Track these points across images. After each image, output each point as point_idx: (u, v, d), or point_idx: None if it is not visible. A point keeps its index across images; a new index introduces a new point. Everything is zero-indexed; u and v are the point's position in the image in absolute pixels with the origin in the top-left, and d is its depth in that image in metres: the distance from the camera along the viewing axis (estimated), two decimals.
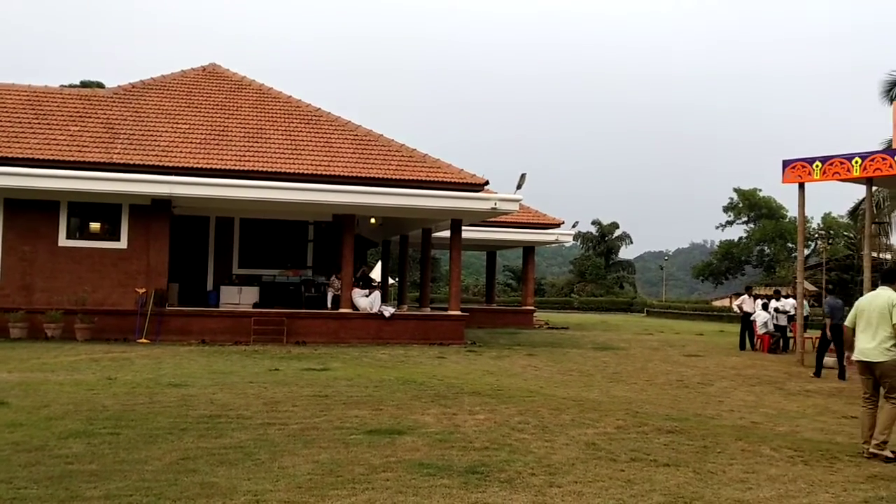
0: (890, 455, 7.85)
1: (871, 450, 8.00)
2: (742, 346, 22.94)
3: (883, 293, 8.32)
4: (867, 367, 8.29)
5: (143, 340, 18.77)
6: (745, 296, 24.98)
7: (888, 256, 35.58)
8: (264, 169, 20.06)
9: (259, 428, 8.40)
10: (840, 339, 15.75)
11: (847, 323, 8.72)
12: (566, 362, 17.43)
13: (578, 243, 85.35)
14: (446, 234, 23.21)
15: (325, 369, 14.15)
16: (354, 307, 20.96)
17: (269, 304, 21.80)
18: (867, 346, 8.25)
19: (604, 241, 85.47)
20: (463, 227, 23.03)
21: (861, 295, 15.81)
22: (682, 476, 6.84)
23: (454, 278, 22.79)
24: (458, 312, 21.98)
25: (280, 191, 19.43)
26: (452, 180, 21.20)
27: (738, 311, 24.50)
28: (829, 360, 18.31)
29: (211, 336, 19.48)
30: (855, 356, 8.52)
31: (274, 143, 21.51)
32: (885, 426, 8.04)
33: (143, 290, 19.38)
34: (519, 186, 21.74)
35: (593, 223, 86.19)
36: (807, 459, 7.69)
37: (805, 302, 21.26)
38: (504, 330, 28.19)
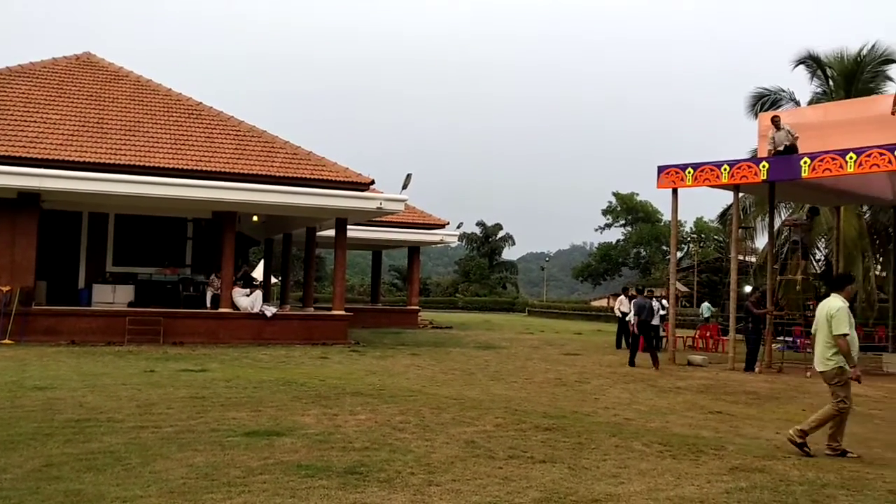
0: (805, 449, 8.21)
1: (789, 434, 8.43)
2: (619, 345, 23.67)
3: (827, 302, 8.52)
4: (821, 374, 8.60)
5: (7, 341, 17.78)
6: (623, 297, 25.82)
7: (753, 259, 37.52)
8: (141, 163, 19.34)
9: (131, 431, 8.10)
10: (648, 334, 18.26)
11: (812, 330, 8.90)
12: (449, 361, 17.58)
13: (463, 244, 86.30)
14: (331, 232, 23.01)
15: (202, 370, 13.79)
16: (235, 307, 20.50)
17: (145, 304, 21.05)
18: (816, 354, 8.56)
19: (488, 241, 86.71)
20: (348, 227, 22.89)
21: (728, 295, 16.46)
22: (558, 472, 7.01)
23: (338, 278, 22.62)
24: (342, 312, 21.84)
25: (158, 186, 18.78)
26: (337, 179, 21.04)
27: (618, 313, 25.27)
28: (697, 357, 19.19)
29: (82, 336, 18.64)
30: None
31: (152, 136, 20.79)
32: (816, 421, 8.36)
33: (7, 288, 18.35)
34: (404, 186, 21.79)
35: (478, 224, 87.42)
36: (675, 454, 8.01)
37: (707, 303, 22.16)
38: (389, 330, 28.19)
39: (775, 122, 18.41)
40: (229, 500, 5.74)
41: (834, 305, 8.37)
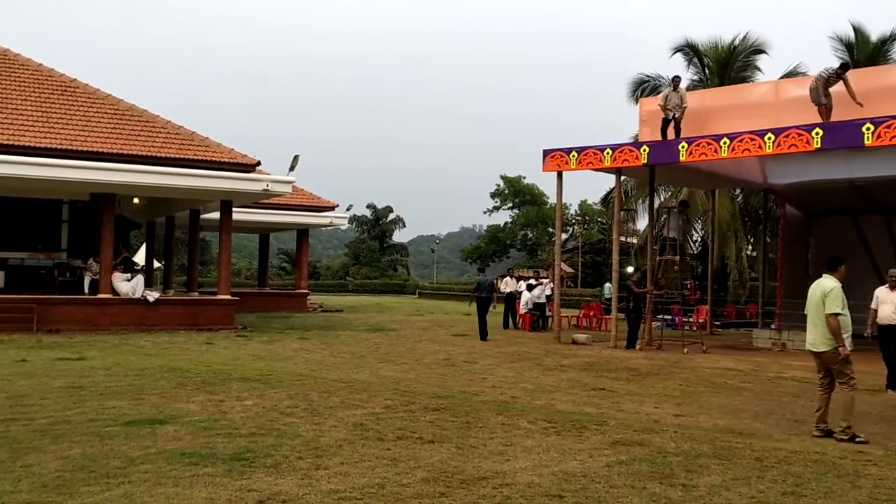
0: (860, 438, 8.16)
1: (819, 433, 8.42)
2: (506, 325, 24.13)
3: (821, 283, 8.60)
4: (816, 355, 8.69)
5: None
6: (508, 277, 26.29)
7: (634, 241, 38.82)
8: (9, 142, 18.29)
9: None
10: (485, 310, 20.05)
11: (805, 311, 8.91)
12: (338, 345, 17.49)
13: (353, 226, 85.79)
14: (216, 215, 22.43)
15: (80, 359, 13.25)
16: (115, 292, 19.75)
17: (17, 290, 20.00)
18: (812, 335, 8.65)
19: (378, 224, 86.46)
20: (234, 209, 22.36)
21: (609, 276, 16.90)
22: (446, 452, 7.09)
23: (224, 262, 22.11)
24: (228, 297, 21.37)
25: (28, 167, 17.81)
26: (222, 160, 20.50)
27: (501, 292, 25.69)
28: (581, 336, 19.75)
29: None
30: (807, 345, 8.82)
31: (21, 113, 19.69)
32: (845, 412, 8.36)
33: None
34: (292, 168, 21.46)
35: (368, 207, 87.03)
36: (559, 430, 8.23)
37: (609, 283, 22.61)
38: (277, 314, 27.80)
39: (675, 81, 18.93)
40: (108, 491, 5.55)
41: (828, 286, 8.49)
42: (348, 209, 71.59)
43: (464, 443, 7.48)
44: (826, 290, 8.48)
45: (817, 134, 15.48)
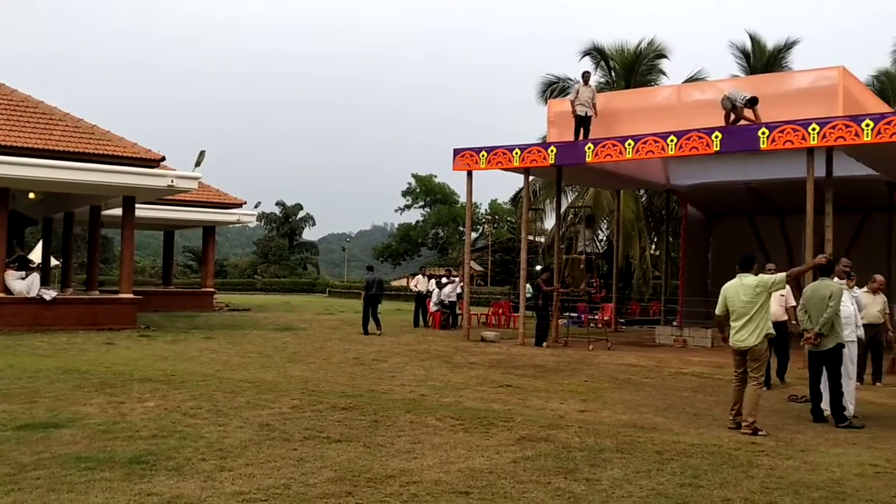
0: (762, 432, 8.38)
1: (734, 426, 8.69)
2: (416, 324, 24.17)
3: (745, 280, 8.83)
4: (741, 352, 8.86)
5: None
6: (420, 276, 26.35)
7: (542, 240, 39.43)
8: None
9: None
10: (374, 307, 20.84)
11: (718, 311, 9.12)
12: (245, 344, 17.18)
13: (262, 224, 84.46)
14: (118, 211, 21.69)
15: None
16: (8, 291, 18.90)
17: None
18: (743, 334, 8.75)
19: (288, 222, 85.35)
20: (137, 205, 21.67)
21: (518, 274, 17.10)
22: (353, 451, 7.05)
23: (126, 259, 21.43)
24: (131, 296, 20.71)
25: None
26: (124, 154, 19.84)
27: (413, 290, 25.71)
28: (490, 334, 19.95)
29: None
30: (731, 344, 8.93)
31: None
32: (752, 407, 8.58)
33: None
34: (198, 164, 20.96)
35: (277, 204, 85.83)
36: (467, 427, 8.29)
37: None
38: (182, 313, 27.09)
39: (585, 77, 19.24)
40: None
41: (754, 278, 8.83)
42: (256, 206, 70.43)
43: (371, 441, 7.45)
44: (756, 281, 8.77)
45: (717, 137, 16.03)
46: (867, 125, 14.34)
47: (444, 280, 24.86)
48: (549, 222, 36.40)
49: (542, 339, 18.58)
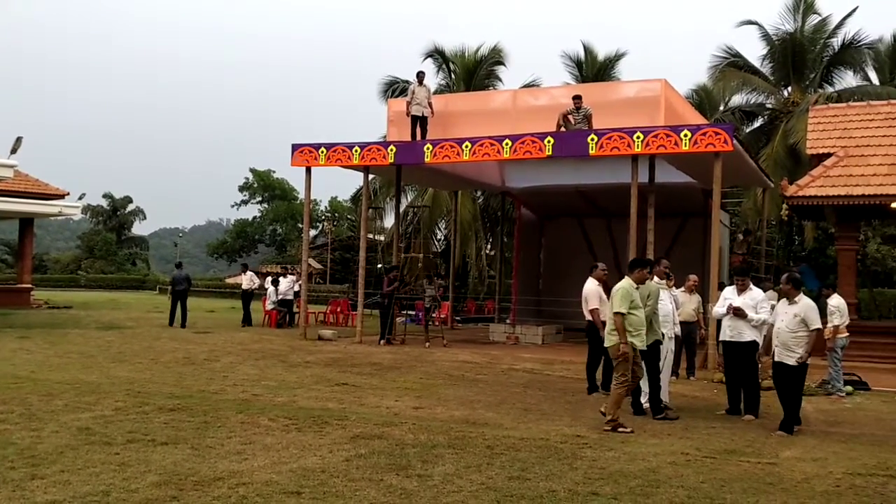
0: (623, 429, 8.53)
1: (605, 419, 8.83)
2: (245, 323, 23.38)
3: (618, 284, 9.13)
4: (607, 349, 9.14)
5: None
6: (243, 273, 25.63)
7: (381, 238, 39.55)
8: None
9: None
10: (182, 302, 21.97)
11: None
12: (65, 344, 16.20)
13: (88, 217, 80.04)
14: None
15: None
16: None
17: None
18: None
19: (116, 215, 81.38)
20: None
21: (358, 272, 17.03)
22: (181, 453, 6.81)
23: None
24: None
25: None
26: None
27: (242, 288, 24.93)
28: (327, 332, 19.80)
29: None
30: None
31: None
32: (613, 406, 8.69)
33: None
34: (14, 151, 19.59)
35: (105, 196, 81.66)
36: (300, 426, 8.19)
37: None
38: None
39: (420, 77, 19.33)
40: None
41: (617, 286, 9.09)
42: (81, 198, 66.25)
43: (200, 443, 7.22)
44: (614, 290, 9.13)
45: (549, 142, 16.63)
46: (685, 135, 15.32)
47: (282, 279, 24.41)
48: (389, 221, 36.60)
49: (384, 336, 18.64)
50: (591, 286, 11.70)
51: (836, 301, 12.71)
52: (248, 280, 24.77)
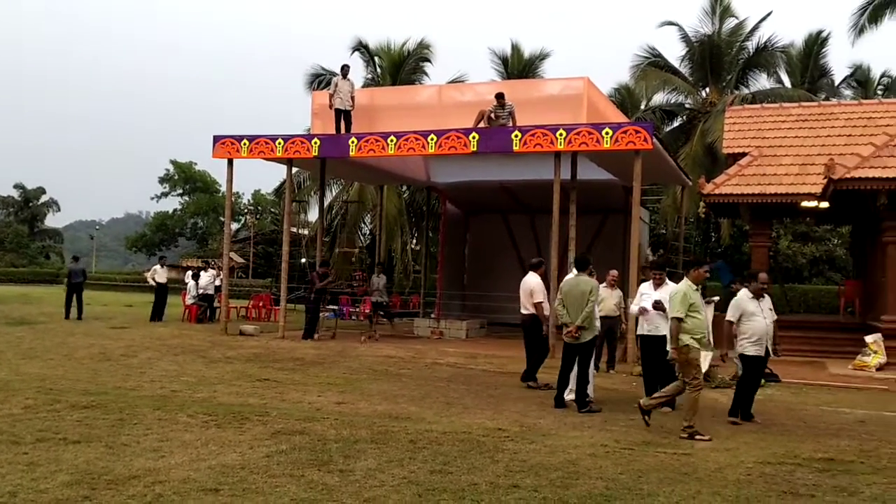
0: (701, 437, 8.20)
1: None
2: (157, 318, 22.64)
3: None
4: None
5: None
6: (158, 266, 24.95)
7: (306, 232, 39.16)
8: None
9: None
10: (79, 294, 22.60)
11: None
12: None
13: None
14: None
15: None
16: None
17: None
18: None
19: (28, 207, 78.56)
20: None
21: (281, 266, 16.89)
22: (94, 452, 6.62)
23: None
24: None
25: None
26: None
27: (153, 283, 24.19)
28: (249, 327, 19.51)
29: None
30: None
31: None
32: (689, 412, 8.40)
33: None
34: None
35: (16, 187, 78.74)
36: (220, 423, 8.05)
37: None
38: None
39: (344, 70, 19.12)
40: None
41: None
42: None
43: (115, 441, 7.03)
44: (673, 293, 8.96)
45: (474, 138, 16.70)
46: (607, 133, 15.58)
47: (202, 273, 23.89)
48: (314, 214, 36.24)
49: (311, 332, 18.41)
50: (536, 279, 11.86)
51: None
52: (162, 274, 23.98)
